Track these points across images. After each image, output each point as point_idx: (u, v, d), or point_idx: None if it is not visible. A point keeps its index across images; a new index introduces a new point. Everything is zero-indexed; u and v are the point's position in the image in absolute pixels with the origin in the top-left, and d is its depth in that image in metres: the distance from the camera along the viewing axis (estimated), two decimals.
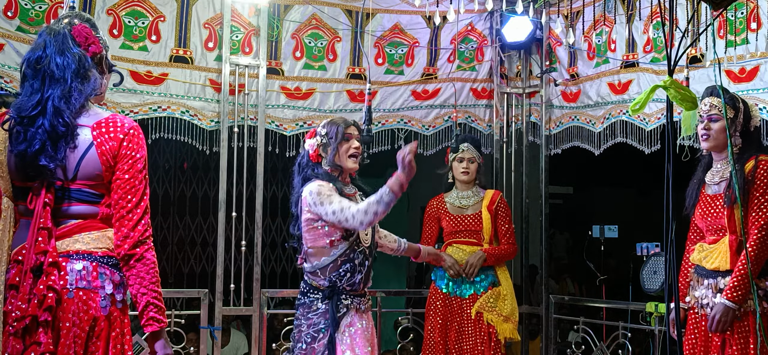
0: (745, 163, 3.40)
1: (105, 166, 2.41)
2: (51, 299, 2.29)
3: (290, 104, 5.43)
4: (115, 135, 2.42)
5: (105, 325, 2.40)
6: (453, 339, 4.70)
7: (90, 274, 2.38)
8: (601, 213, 11.40)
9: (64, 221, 2.41)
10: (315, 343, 3.45)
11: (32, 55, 2.42)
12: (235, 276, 5.20)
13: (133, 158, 2.44)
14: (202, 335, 5.07)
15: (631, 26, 5.13)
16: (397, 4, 5.57)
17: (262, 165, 5.28)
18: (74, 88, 2.39)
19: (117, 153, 2.42)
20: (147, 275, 2.41)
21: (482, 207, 4.80)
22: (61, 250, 2.37)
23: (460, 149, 4.84)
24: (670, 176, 2.40)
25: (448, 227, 4.85)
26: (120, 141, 2.42)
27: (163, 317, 2.45)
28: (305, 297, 3.53)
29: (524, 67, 5.93)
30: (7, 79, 4.55)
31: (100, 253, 2.41)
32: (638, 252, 5.95)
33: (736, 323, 3.33)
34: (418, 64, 5.69)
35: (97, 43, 2.49)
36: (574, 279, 10.10)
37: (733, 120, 3.44)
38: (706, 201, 3.54)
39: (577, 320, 5.47)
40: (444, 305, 4.74)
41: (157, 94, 5.07)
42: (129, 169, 2.43)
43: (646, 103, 2.67)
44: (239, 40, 5.26)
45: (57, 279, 2.32)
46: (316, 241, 3.48)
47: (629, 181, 11.94)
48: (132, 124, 2.47)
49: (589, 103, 5.54)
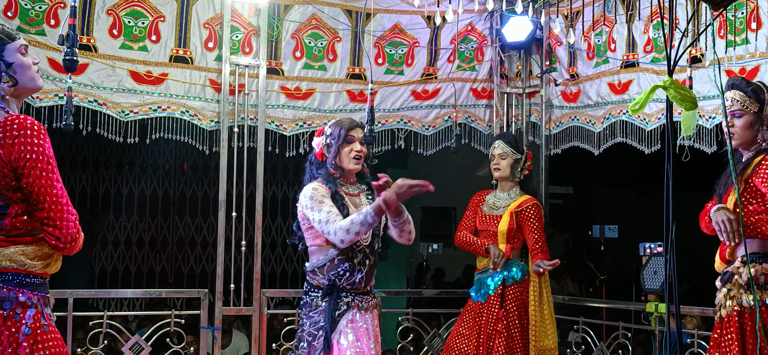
0: (758, 154, 3.21)
1: (4, 170, 2.43)
2: None
3: (290, 104, 5.43)
4: (9, 140, 2.42)
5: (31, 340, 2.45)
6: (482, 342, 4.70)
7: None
8: (601, 213, 11.39)
9: None
10: (315, 341, 3.46)
11: None
12: (235, 276, 5.20)
13: (29, 159, 2.43)
14: (202, 335, 5.07)
15: (631, 26, 5.13)
16: (397, 4, 5.57)
17: (262, 165, 5.27)
18: None
19: (12, 157, 2.43)
20: None
21: (507, 211, 4.79)
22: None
23: (493, 146, 4.86)
24: (670, 176, 2.40)
25: (479, 225, 4.89)
26: (10, 146, 2.42)
27: None
28: (307, 296, 3.55)
29: (524, 67, 5.93)
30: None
31: (9, 271, 2.46)
32: (641, 252, 5.94)
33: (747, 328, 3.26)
34: (418, 64, 5.69)
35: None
36: (574, 279, 10.09)
37: (757, 114, 3.21)
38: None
39: (577, 320, 5.47)
40: (479, 314, 4.76)
41: (157, 94, 5.07)
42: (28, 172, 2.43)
43: (646, 103, 2.67)
44: (239, 40, 5.26)
45: None
46: (314, 240, 3.51)
47: (629, 181, 11.93)
48: (29, 122, 2.45)
49: (589, 103, 5.54)
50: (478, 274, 4.85)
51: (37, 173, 2.42)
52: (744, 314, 3.19)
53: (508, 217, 4.76)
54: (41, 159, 2.43)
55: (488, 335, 4.67)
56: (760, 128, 3.23)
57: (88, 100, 4.88)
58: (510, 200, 4.81)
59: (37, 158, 2.43)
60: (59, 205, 2.45)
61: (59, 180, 2.48)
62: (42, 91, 4.62)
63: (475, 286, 4.82)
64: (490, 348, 4.65)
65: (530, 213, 4.76)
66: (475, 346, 4.68)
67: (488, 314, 4.71)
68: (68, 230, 2.46)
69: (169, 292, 6.12)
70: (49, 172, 2.44)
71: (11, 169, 2.42)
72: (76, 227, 2.48)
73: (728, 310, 3.22)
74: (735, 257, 3.26)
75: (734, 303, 3.20)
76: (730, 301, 3.23)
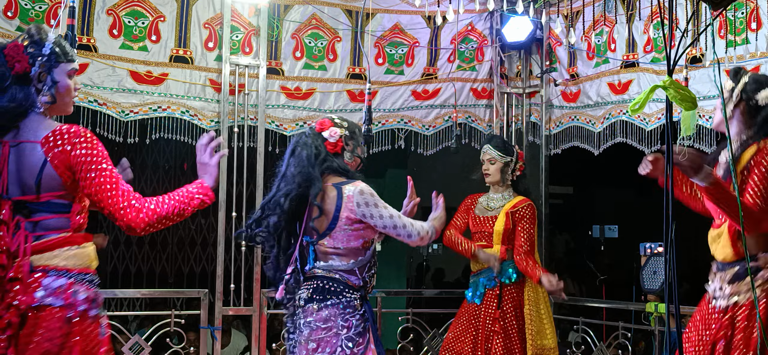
0: (748, 146, 3.18)
1: (64, 176, 2.48)
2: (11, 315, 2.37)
3: (290, 104, 5.43)
4: (62, 147, 2.48)
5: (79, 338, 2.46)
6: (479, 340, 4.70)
7: (65, 290, 2.46)
8: (601, 213, 11.40)
9: (46, 234, 2.49)
10: (356, 348, 3.18)
11: None
12: (235, 276, 5.20)
13: (86, 162, 2.49)
14: (202, 335, 5.07)
15: (631, 26, 5.13)
16: (397, 4, 5.57)
17: (262, 165, 5.27)
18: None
19: (70, 163, 2.48)
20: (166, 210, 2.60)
21: (501, 212, 4.78)
22: (39, 264, 2.45)
23: (483, 151, 4.84)
24: (671, 176, 2.40)
25: (472, 227, 4.86)
26: (68, 152, 2.48)
27: (202, 196, 2.69)
28: (338, 297, 3.19)
29: (524, 67, 5.93)
30: None
31: (76, 270, 2.50)
32: (641, 252, 5.95)
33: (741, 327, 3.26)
34: (418, 64, 5.69)
35: (23, 60, 2.51)
36: (574, 279, 10.10)
37: (729, 92, 3.22)
38: None
39: (577, 320, 5.47)
40: (475, 315, 4.74)
41: (157, 94, 5.07)
42: (86, 173, 2.49)
43: (645, 103, 2.67)
44: (239, 40, 5.26)
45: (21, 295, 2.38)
46: (350, 241, 3.22)
47: (629, 181, 11.93)
48: (77, 129, 2.52)
49: (589, 103, 5.54)
50: (474, 276, 4.83)
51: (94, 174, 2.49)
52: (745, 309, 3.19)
53: (504, 217, 4.75)
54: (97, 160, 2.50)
55: (486, 336, 4.67)
56: (732, 105, 3.24)
57: (88, 100, 4.88)
58: (504, 200, 4.80)
59: (93, 160, 2.49)
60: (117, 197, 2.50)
61: (117, 176, 2.54)
62: None
63: (471, 288, 4.81)
64: (489, 349, 4.65)
65: (525, 213, 4.75)
66: (472, 347, 4.68)
67: (485, 314, 4.70)
68: (131, 216, 2.52)
69: (169, 292, 6.12)
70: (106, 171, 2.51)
71: (71, 173, 2.48)
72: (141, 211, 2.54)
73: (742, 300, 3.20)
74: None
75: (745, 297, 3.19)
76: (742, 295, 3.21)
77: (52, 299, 2.43)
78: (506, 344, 4.64)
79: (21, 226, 2.44)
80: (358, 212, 3.18)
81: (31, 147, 2.48)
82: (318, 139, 3.28)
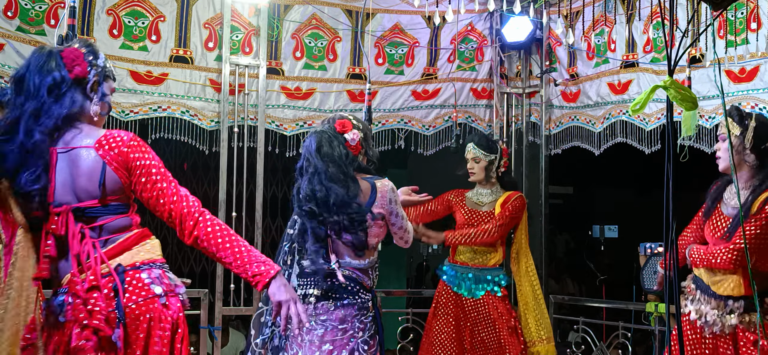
0: (761, 193, 3.26)
1: (123, 178, 2.45)
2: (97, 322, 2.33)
3: (290, 104, 5.43)
4: (119, 150, 2.44)
5: (183, 327, 2.47)
6: (469, 340, 4.68)
7: (163, 279, 2.46)
8: (601, 213, 11.41)
9: (115, 236, 2.46)
10: (370, 350, 3.17)
11: (17, 72, 2.46)
12: (235, 276, 5.19)
13: (144, 165, 2.46)
14: (202, 335, 5.07)
15: (631, 26, 5.13)
16: (397, 4, 5.57)
17: (262, 165, 5.28)
18: (45, 107, 2.40)
19: (128, 166, 2.45)
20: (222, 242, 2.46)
21: (497, 204, 4.79)
22: (128, 263, 2.42)
23: (466, 150, 4.85)
24: (670, 176, 2.40)
25: (462, 220, 4.83)
26: (126, 154, 2.45)
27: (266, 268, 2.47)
28: (355, 297, 3.16)
29: (524, 67, 5.93)
30: (6, 79, 4.54)
31: (160, 260, 2.50)
32: (641, 252, 5.94)
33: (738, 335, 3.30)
34: (418, 64, 5.69)
35: (83, 65, 2.48)
36: (574, 279, 10.11)
37: (739, 137, 3.28)
38: (719, 219, 3.42)
39: (577, 320, 5.47)
40: (456, 305, 4.72)
41: (157, 94, 5.07)
42: (147, 177, 2.46)
43: (646, 103, 2.67)
44: (239, 40, 5.26)
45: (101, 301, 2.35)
46: (371, 238, 3.18)
47: (629, 181, 11.94)
48: (131, 135, 2.51)
49: (589, 103, 5.54)
50: (463, 268, 4.79)
51: (154, 178, 2.47)
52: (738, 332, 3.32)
53: (500, 210, 4.77)
54: (152, 163, 2.47)
55: (473, 322, 4.67)
56: (741, 151, 3.31)
57: None
58: (494, 195, 4.83)
59: (152, 165, 2.47)
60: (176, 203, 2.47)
61: (173, 180, 2.51)
62: None
63: (454, 273, 4.78)
64: (482, 340, 4.65)
65: (516, 204, 4.76)
66: (458, 337, 4.68)
67: (473, 306, 4.70)
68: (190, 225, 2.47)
69: None
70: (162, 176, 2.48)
71: (128, 174, 2.46)
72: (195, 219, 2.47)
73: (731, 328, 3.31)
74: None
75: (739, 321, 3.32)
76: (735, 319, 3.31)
77: (161, 288, 2.42)
78: (497, 336, 4.66)
79: (86, 234, 2.41)
80: (388, 207, 3.18)
81: (86, 153, 2.43)
82: (340, 140, 3.21)
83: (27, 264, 2.41)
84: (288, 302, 2.51)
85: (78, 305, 2.33)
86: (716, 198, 3.48)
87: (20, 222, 2.41)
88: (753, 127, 3.31)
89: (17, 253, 2.40)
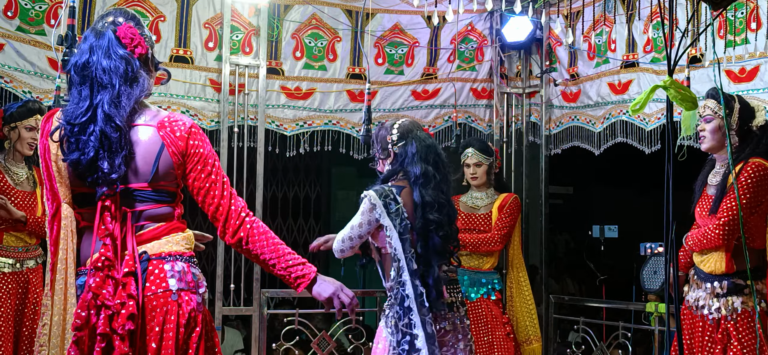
0: (735, 166, 3.39)
1: (176, 164, 2.40)
2: (132, 307, 2.26)
3: (290, 104, 5.43)
4: (180, 134, 2.40)
5: (201, 326, 2.40)
6: None
7: (186, 274, 2.39)
8: (601, 213, 11.38)
9: (148, 224, 2.39)
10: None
11: (79, 60, 2.37)
12: (235, 276, 5.20)
13: (202, 154, 2.42)
14: None
15: (631, 26, 5.13)
16: (397, 4, 5.57)
17: (262, 165, 5.28)
18: (123, 93, 2.34)
19: (185, 152, 2.40)
20: (266, 245, 2.43)
21: (493, 208, 4.80)
22: (154, 252, 2.36)
23: (465, 155, 4.86)
24: (670, 176, 2.40)
25: (459, 224, 4.83)
26: (186, 139, 2.40)
27: (306, 270, 2.45)
28: (391, 309, 3.39)
29: (524, 67, 5.93)
30: (7, 79, 4.55)
31: (188, 254, 2.43)
32: (642, 252, 5.95)
33: (734, 325, 3.32)
34: (418, 64, 5.69)
35: (142, 43, 2.43)
36: (574, 279, 10.10)
37: (727, 119, 3.42)
38: (706, 200, 3.55)
39: (577, 320, 5.47)
40: None
41: (157, 94, 5.06)
42: (203, 166, 2.42)
43: (646, 103, 2.67)
44: (239, 40, 5.26)
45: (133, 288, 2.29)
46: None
47: (629, 181, 11.93)
48: (192, 122, 2.46)
49: (589, 103, 5.54)
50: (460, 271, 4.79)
51: (208, 169, 2.42)
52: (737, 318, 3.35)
53: (497, 213, 4.79)
54: (209, 154, 2.42)
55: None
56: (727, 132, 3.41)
57: None
58: (489, 198, 4.85)
59: (209, 155, 2.42)
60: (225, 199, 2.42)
61: (226, 177, 2.46)
62: (42, 92, 4.62)
63: None
64: (477, 342, 4.66)
65: (513, 207, 4.81)
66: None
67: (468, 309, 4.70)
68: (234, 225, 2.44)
69: None
70: (217, 170, 2.43)
71: (183, 161, 2.40)
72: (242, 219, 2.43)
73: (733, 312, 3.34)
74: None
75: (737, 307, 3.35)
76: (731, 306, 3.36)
77: (181, 284, 2.35)
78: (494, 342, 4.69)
79: (127, 217, 2.34)
80: None
81: (146, 132, 2.37)
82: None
83: (72, 242, 2.35)
84: (336, 293, 2.49)
85: (118, 290, 2.27)
86: (703, 182, 3.62)
87: (65, 198, 2.36)
88: (738, 109, 3.47)
89: (67, 227, 2.35)
